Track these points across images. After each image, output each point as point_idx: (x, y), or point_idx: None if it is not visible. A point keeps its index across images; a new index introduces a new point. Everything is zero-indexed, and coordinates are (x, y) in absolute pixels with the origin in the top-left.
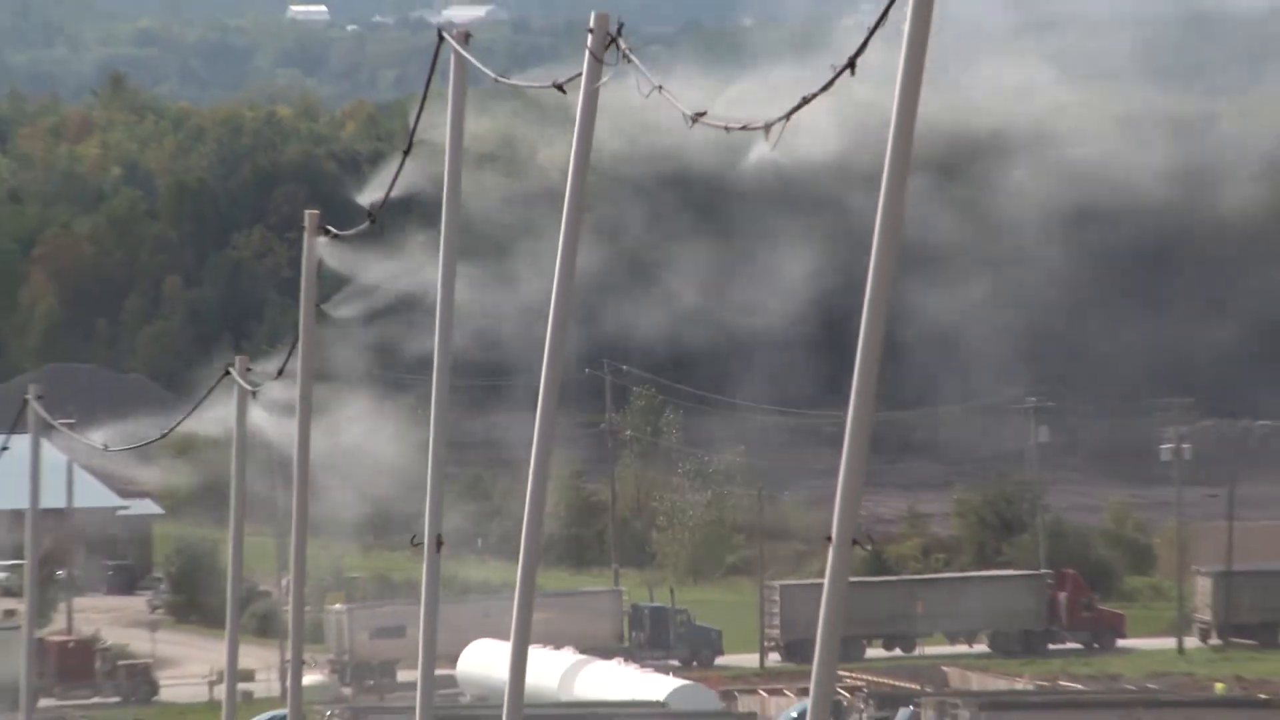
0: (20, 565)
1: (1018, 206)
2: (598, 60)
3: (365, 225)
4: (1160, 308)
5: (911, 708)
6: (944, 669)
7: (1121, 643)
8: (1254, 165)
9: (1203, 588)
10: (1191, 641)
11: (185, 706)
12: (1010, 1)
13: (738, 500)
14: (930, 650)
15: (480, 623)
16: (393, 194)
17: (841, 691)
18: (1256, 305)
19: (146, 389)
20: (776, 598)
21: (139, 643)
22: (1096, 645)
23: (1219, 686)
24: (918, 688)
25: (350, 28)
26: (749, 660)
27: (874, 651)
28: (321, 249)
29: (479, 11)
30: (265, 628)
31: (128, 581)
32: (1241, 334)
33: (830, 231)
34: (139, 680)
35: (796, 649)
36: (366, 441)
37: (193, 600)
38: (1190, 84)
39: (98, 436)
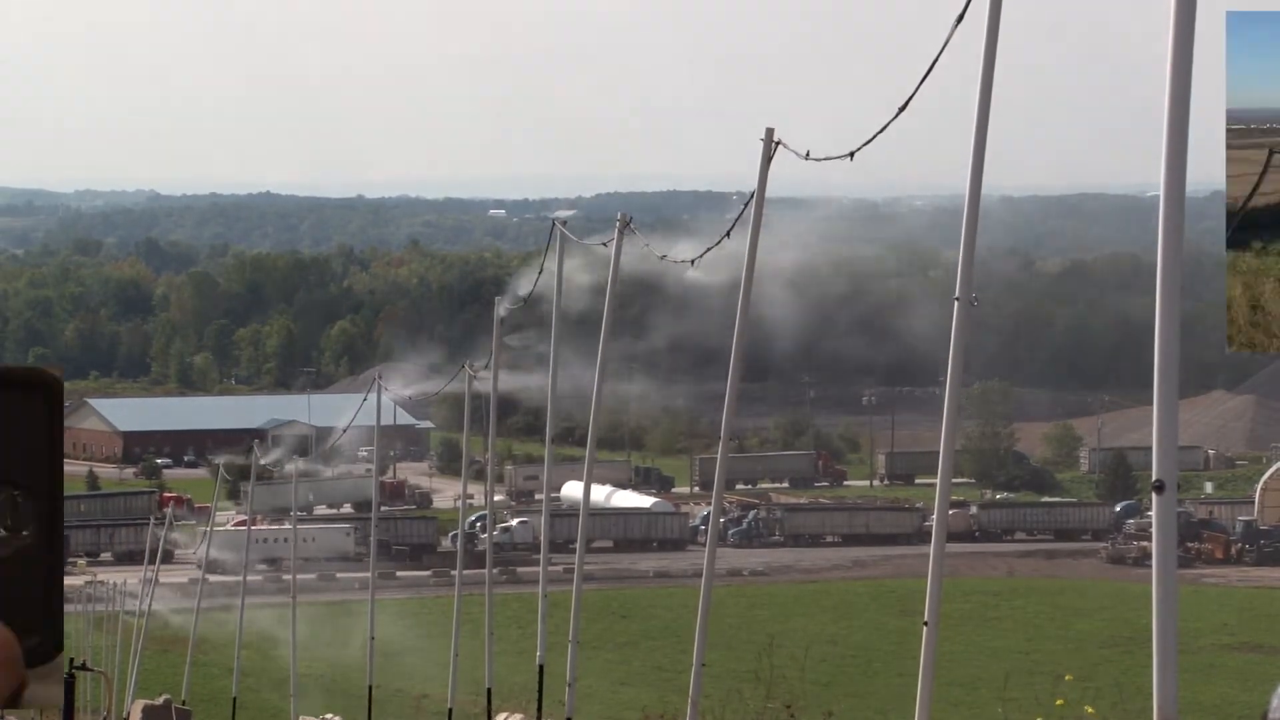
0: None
1: None
2: (620, 234)
3: (520, 304)
4: None
5: (755, 509)
6: (770, 495)
7: (846, 482)
8: None
9: (880, 460)
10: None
11: (443, 510)
12: None
13: (686, 415)
14: (762, 486)
15: (570, 473)
16: (533, 293)
17: (730, 503)
18: None
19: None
20: (697, 464)
21: (424, 480)
22: (834, 484)
23: (890, 500)
24: (760, 501)
25: (515, 219)
26: (685, 490)
27: (741, 487)
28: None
29: (572, 210)
30: (479, 474)
31: (420, 454)
32: None
33: None
34: (423, 497)
35: (708, 483)
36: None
37: (449, 463)
38: None
39: (407, 390)
